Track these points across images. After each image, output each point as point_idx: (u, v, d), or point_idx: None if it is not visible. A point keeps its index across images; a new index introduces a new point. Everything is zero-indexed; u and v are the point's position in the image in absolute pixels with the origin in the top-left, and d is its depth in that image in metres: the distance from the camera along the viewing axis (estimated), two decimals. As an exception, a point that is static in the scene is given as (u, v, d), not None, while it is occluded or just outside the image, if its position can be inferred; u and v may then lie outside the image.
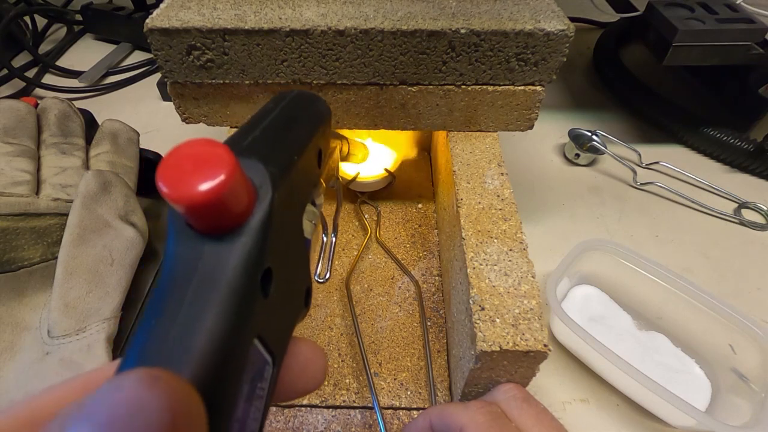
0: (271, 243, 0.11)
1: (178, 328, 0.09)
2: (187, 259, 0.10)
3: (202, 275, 0.10)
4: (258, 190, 0.11)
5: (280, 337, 0.13)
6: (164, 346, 0.09)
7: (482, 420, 0.21)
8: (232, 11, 0.28)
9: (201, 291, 0.10)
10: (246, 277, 0.10)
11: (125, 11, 0.62)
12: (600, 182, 0.45)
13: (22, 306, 0.28)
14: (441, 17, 0.28)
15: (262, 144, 0.13)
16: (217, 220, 0.10)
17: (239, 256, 0.10)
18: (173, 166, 0.10)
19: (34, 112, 0.33)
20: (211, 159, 0.10)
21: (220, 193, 0.09)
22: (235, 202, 0.10)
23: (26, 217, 0.29)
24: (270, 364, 0.12)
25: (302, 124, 0.16)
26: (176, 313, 0.10)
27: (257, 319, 0.11)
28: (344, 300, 0.35)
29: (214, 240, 0.11)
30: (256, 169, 0.12)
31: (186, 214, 0.10)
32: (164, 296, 0.10)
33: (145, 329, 0.10)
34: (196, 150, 0.10)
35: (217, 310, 0.10)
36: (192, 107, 0.32)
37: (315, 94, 0.18)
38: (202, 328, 0.09)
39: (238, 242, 0.11)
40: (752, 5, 0.45)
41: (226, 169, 0.10)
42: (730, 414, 0.27)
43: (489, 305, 0.23)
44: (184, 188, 0.09)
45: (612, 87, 0.55)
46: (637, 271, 0.32)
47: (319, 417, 0.29)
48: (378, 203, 0.42)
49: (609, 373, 0.30)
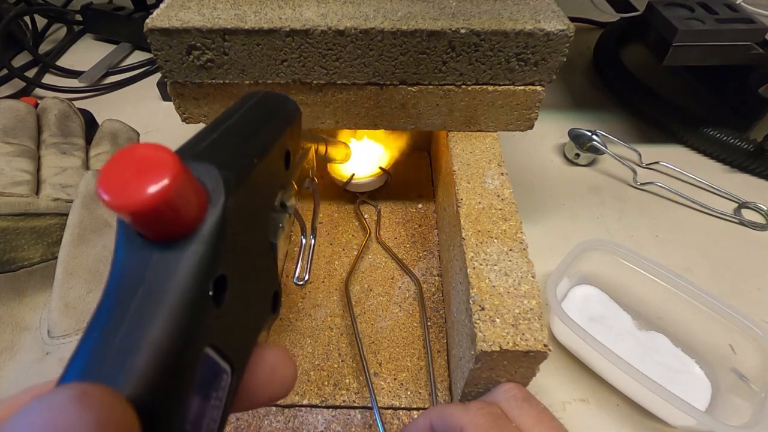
0: (225, 250, 0.11)
1: (119, 341, 0.09)
2: (133, 268, 0.10)
3: (149, 284, 0.10)
4: (210, 194, 0.11)
5: (240, 345, 0.12)
6: (104, 359, 0.09)
7: (482, 421, 0.21)
8: (232, 11, 0.28)
9: (146, 301, 0.10)
10: (195, 285, 0.10)
11: (125, 11, 0.62)
12: (600, 182, 0.45)
13: (22, 306, 0.28)
14: (441, 17, 0.28)
15: (218, 147, 0.13)
16: (164, 227, 0.10)
17: (188, 264, 0.10)
18: (115, 172, 0.09)
19: (34, 112, 0.33)
20: (155, 163, 0.09)
21: (164, 199, 0.09)
22: (183, 208, 0.10)
23: (26, 217, 0.29)
24: (227, 373, 0.12)
25: (266, 125, 0.15)
26: (119, 325, 0.09)
27: (209, 328, 0.11)
28: (344, 300, 0.35)
29: (162, 248, 0.10)
30: (209, 172, 0.11)
31: (132, 222, 0.10)
32: (108, 307, 0.10)
33: (87, 342, 0.09)
34: (140, 154, 0.09)
35: (161, 320, 0.09)
36: (192, 107, 0.32)
37: (284, 94, 0.18)
38: (145, 340, 0.09)
39: (188, 250, 0.10)
40: (752, 5, 0.45)
41: (170, 173, 0.09)
42: (730, 414, 0.27)
43: (489, 305, 0.23)
44: (126, 194, 0.09)
45: (612, 87, 0.55)
46: (637, 271, 0.32)
47: (319, 417, 0.29)
48: (378, 203, 0.42)
49: (609, 373, 0.30)
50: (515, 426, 0.21)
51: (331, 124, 0.32)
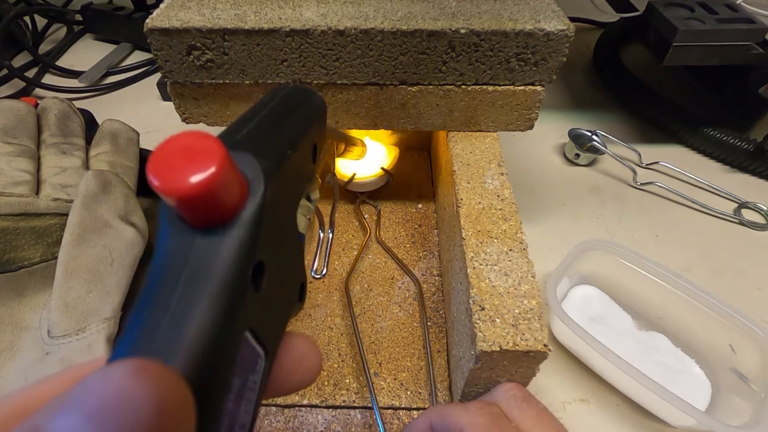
0: (263, 237, 0.11)
1: (168, 320, 0.09)
2: (178, 252, 0.10)
3: (193, 267, 0.10)
4: (250, 183, 0.11)
5: (273, 331, 0.13)
6: (154, 337, 0.09)
7: (482, 421, 0.21)
8: (232, 11, 0.28)
9: (191, 283, 0.10)
10: (237, 270, 0.10)
11: (125, 11, 0.62)
12: (600, 182, 0.45)
13: (22, 306, 0.28)
14: (441, 17, 0.28)
15: (256, 138, 0.13)
16: (208, 213, 0.10)
17: (230, 249, 0.10)
18: (164, 158, 0.10)
19: (34, 112, 0.33)
20: (202, 151, 0.10)
21: (210, 186, 0.09)
22: (226, 195, 0.10)
23: (26, 217, 0.29)
24: (262, 358, 0.12)
25: (297, 118, 0.16)
26: (167, 305, 0.10)
27: (248, 312, 0.11)
28: (344, 300, 0.35)
29: (205, 233, 0.11)
30: (249, 162, 0.12)
31: (177, 207, 0.10)
32: (155, 288, 0.10)
33: (135, 321, 0.10)
34: (187, 142, 0.10)
35: (207, 302, 0.10)
36: (192, 107, 0.32)
37: (311, 88, 0.18)
38: (193, 320, 0.09)
39: (230, 235, 0.11)
40: (752, 5, 0.45)
41: (217, 162, 0.09)
42: (730, 414, 0.27)
43: (489, 305, 0.23)
44: (175, 180, 0.09)
45: (612, 87, 0.55)
46: (637, 271, 0.32)
47: (319, 417, 0.29)
48: (378, 203, 0.42)
49: (609, 373, 0.30)
50: (515, 426, 0.21)
51: (331, 124, 0.32)
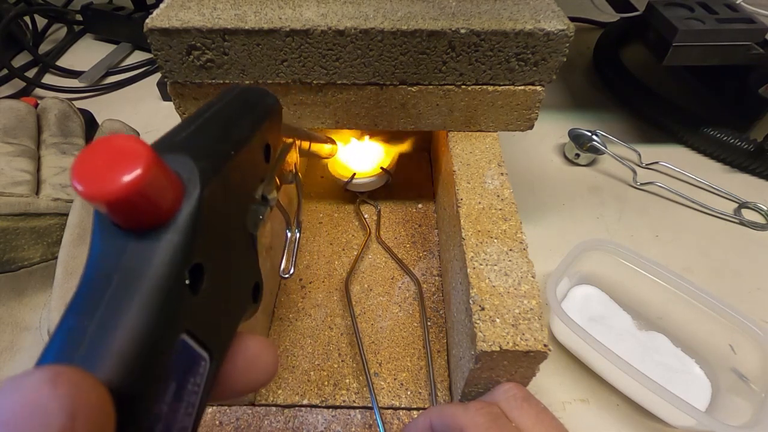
0: (201, 238, 0.11)
1: (94, 325, 0.09)
2: (109, 256, 0.10)
3: (124, 272, 0.10)
4: (186, 185, 0.11)
5: (218, 333, 0.13)
6: (79, 343, 0.09)
7: (482, 421, 0.21)
8: (232, 11, 0.28)
9: (122, 287, 0.10)
10: (170, 272, 0.10)
11: (125, 11, 0.62)
12: (600, 182, 0.45)
13: (22, 306, 0.28)
14: (441, 17, 0.28)
15: (195, 139, 0.13)
16: (139, 216, 0.10)
17: (164, 252, 0.10)
18: (88, 163, 0.09)
19: (34, 112, 0.33)
20: (127, 153, 0.09)
21: (136, 188, 0.09)
22: (157, 197, 0.10)
23: (26, 217, 0.29)
24: (206, 360, 0.12)
25: (245, 118, 0.15)
26: (94, 310, 0.10)
27: (185, 315, 0.11)
28: (344, 300, 0.35)
29: (138, 236, 0.10)
30: (185, 163, 0.11)
31: (107, 212, 0.10)
32: (84, 294, 0.10)
33: (63, 328, 0.10)
34: (112, 146, 0.10)
35: (136, 306, 0.10)
36: (192, 107, 0.32)
37: (264, 88, 0.18)
38: (120, 324, 0.09)
39: (163, 239, 0.10)
40: (752, 5, 0.45)
41: (143, 163, 0.09)
42: (730, 414, 0.27)
43: (489, 305, 0.23)
44: (100, 184, 0.09)
45: (612, 87, 0.55)
46: (637, 271, 0.32)
47: (319, 417, 0.29)
48: (378, 203, 0.42)
49: (609, 373, 0.30)
50: (515, 426, 0.21)
51: (331, 124, 0.32)
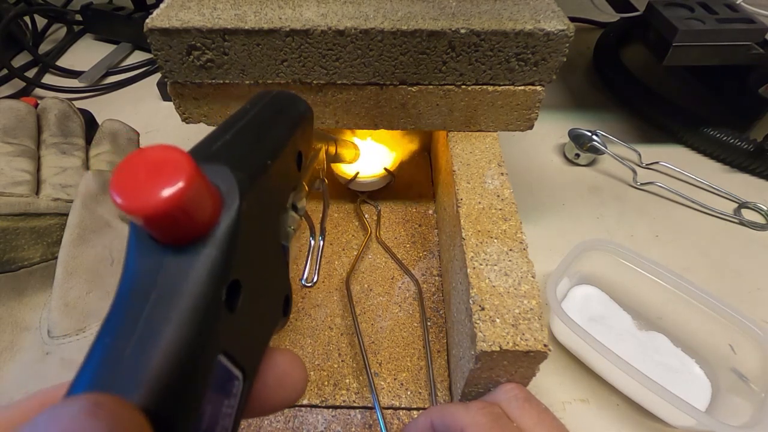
0: (239, 253, 0.11)
1: (132, 348, 0.09)
2: (146, 272, 0.10)
3: (162, 289, 0.10)
4: (224, 197, 0.11)
5: (251, 351, 0.12)
6: (117, 367, 0.09)
7: (483, 421, 0.21)
8: (232, 11, 0.28)
9: (159, 307, 0.09)
10: (209, 291, 0.10)
11: (125, 11, 0.62)
12: (600, 182, 0.45)
13: (22, 306, 0.28)
14: (441, 17, 0.28)
15: (232, 148, 0.12)
16: (178, 231, 0.10)
17: (202, 269, 0.10)
18: (128, 175, 0.09)
19: (34, 112, 0.33)
20: (169, 165, 0.09)
21: (178, 202, 0.09)
22: (197, 211, 0.10)
23: (26, 217, 0.29)
24: (239, 380, 0.11)
25: (279, 126, 0.15)
26: (131, 331, 0.09)
27: (222, 334, 0.10)
28: (344, 300, 0.35)
29: (176, 251, 0.10)
30: (223, 174, 0.11)
31: (144, 225, 0.10)
32: (120, 312, 0.10)
33: (99, 348, 0.09)
34: (153, 156, 0.09)
35: (175, 327, 0.09)
36: (192, 107, 0.32)
37: (295, 94, 0.18)
38: (159, 347, 0.09)
39: (202, 254, 0.10)
40: (752, 5, 0.45)
41: (185, 176, 0.09)
42: (730, 414, 0.27)
43: (489, 305, 0.23)
44: (140, 198, 0.09)
45: (612, 87, 0.55)
46: (637, 271, 0.32)
47: (319, 417, 0.29)
48: (378, 203, 0.42)
49: (609, 373, 0.30)
50: (516, 426, 0.21)
51: (331, 124, 0.32)
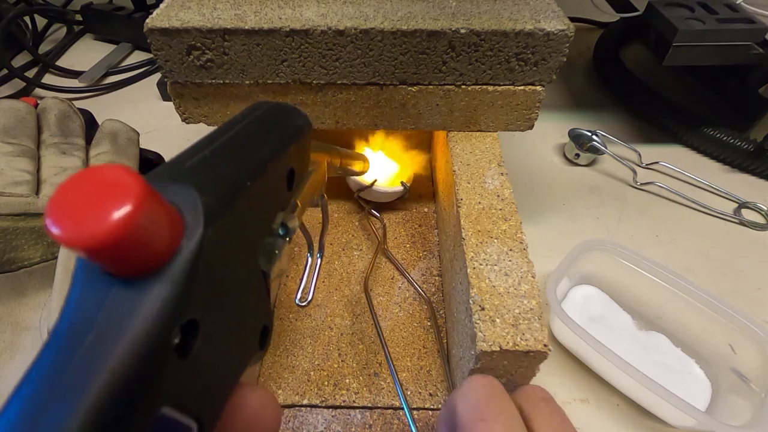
0: (199, 288, 0.09)
1: (56, 398, 0.08)
2: (86, 308, 0.09)
3: (100, 330, 0.08)
4: (187, 223, 0.10)
5: (211, 397, 0.11)
6: (35, 419, 0.08)
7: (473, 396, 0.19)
8: (232, 11, 0.28)
9: (93, 351, 0.08)
10: (154, 333, 0.09)
11: (125, 11, 0.62)
12: (600, 182, 0.45)
13: (22, 306, 0.28)
14: (441, 17, 0.28)
15: (205, 167, 0.11)
16: (127, 262, 0.09)
17: (149, 307, 0.09)
18: (66, 200, 0.08)
19: (34, 112, 0.33)
20: (114, 188, 0.08)
21: (123, 231, 0.08)
22: (150, 239, 0.08)
23: (26, 217, 0.29)
24: (193, 430, 0.10)
25: (267, 141, 0.14)
26: (58, 379, 0.08)
27: (169, 384, 0.09)
28: (344, 300, 0.35)
29: (123, 285, 0.09)
30: (189, 197, 0.10)
31: (88, 257, 0.08)
32: (50, 355, 0.09)
33: (17, 400, 0.08)
34: (96, 178, 0.08)
35: (108, 374, 0.08)
36: (192, 107, 0.32)
37: (294, 106, 0.16)
38: (83, 401, 0.08)
39: (152, 289, 0.09)
40: (752, 5, 0.45)
41: (133, 199, 0.08)
42: (730, 414, 0.27)
43: (489, 305, 0.23)
44: (79, 227, 0.08)
45: (612, 87, 0.55)
46: (637, 271, 0.32)
47: (319, 417, 0.29)
48: (382, 214, 0.40)
49: (609, 373, 0.30)
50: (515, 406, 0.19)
51: (331, 124, 0.32)
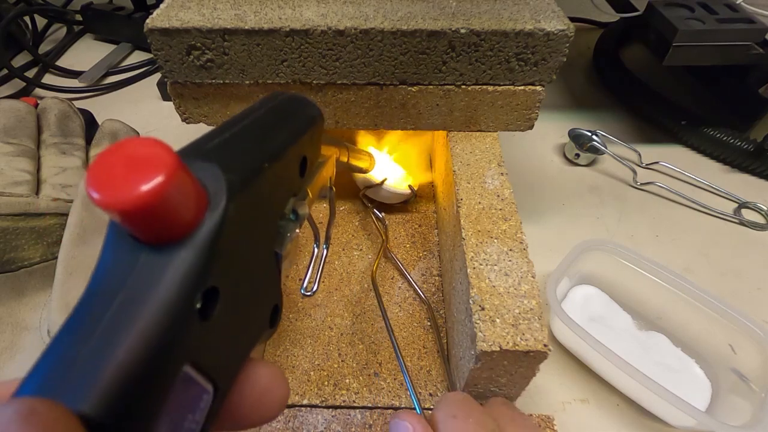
0: (220, 258, 0.10)
1: (86, 351, 0.08)
2: (117, 271, 0.09)
3: (130, 290, 0.09)
4: (211, 197, 0.10)
5: (227, 363, 0.12)
6: (67, 371, 0.08)
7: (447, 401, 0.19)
8: (232, 11, 0.28)
9: (123, 309, 0.09)
10: (180, 296, 0.09)
11: (125, 11, 0.62)
12: (600, 182, 0.45)
13: (22, 306, 0.29)
14: (441, 17, 0.28)
15: (227, 148, 0.12)
16: (156, 229, 0.09)
17: (176, 272, 0.09)
18: (105, 167, 0.09)
19: (34, 112, 0.33)
20: (149, 159, 0.09)
21: (157, 198, 0.08)
22: (178, 209, 0.09)
23: (26, 217, 0.29)
24: (209, 393, 0.11)
25: (283, 128, 0.15)
26: (90, 333, 0.09)
27: (192, 344, 0.10)
28: (344, 300, 0.35)
29: (152, 251, 0.09)
30: (212, 174, 0.10)
31: (121, 222, 0.09)
32: (83, 311, 0.09)
33: (53, 349, 0.09)
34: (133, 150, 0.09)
35: (137, 332, 0.09)
36: (192, 107, 0.32)
37: (307, 98, 0.17)
38: (114, 353, 0.08)
39: (178, 256, 0.09)
40: (752, 5, 0.45)
41: (165, 170, 0.08)
42: (730, 414, 0.27)
43: (489, 305, 0.23)
44: (116, 192, 0.08)
45: (612, 87, 0.55)
46: (637, 271, 0.32)
47: (319, 417, 0.29)
48: (384, 215, 0.40)
49: (609, 373, 0.30)
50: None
51: (331, 124, 0.32)
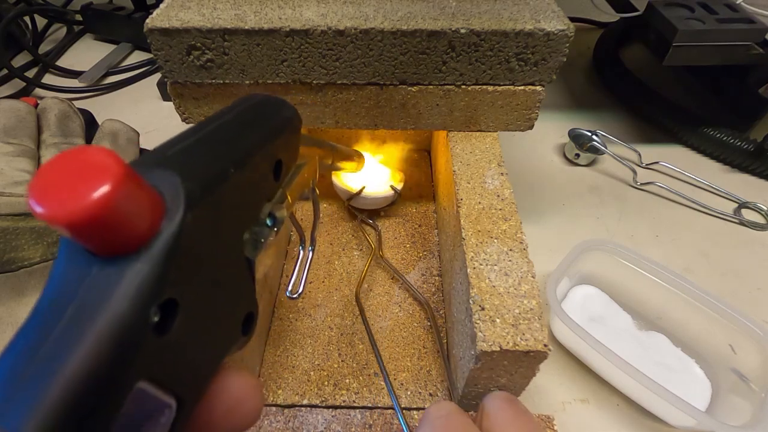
0: (180, 269, 0.10)
1: (32, 369, 0.08)
2: (68, 283, 0.09)
3: (80, 304, 0.09)
4: (168, 207, 0.10)
5: (193, 375, 0.11)
6: (12, 390, 0.08)
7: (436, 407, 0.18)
8: (232, 11, 0.28)
9: (72, 324, 0.09)
10: (132, 310, 0.09)
11: (125, 11, 0.62)
12: (600, 182, 0.45)
13: (22, 306, 0.28)
14: (441, 17, 0.28)
15: (189, 154, 0.12)
16: (107, 241, 0.09)
17: (129, 284, 0.09)
18: (48, 179, 0.08)
19: (34, 112, 0.33)
20: (94, 169, 0.08)
21: (102, 209, 0.08)
22: (129, 220, 0.09)
23: (26, 217, 0.29)
24: (172, 408, 0.10)
25: (253, 132, 0.14)
26: (37, 349, 0.08)
27: (147, 359, 0.09)
28: (344, 300, 0.35)
29: (105, 263, 0.09)
30: (170, 182, 0.10)
31: (69, 236, 0.09)
32: (32, 326, 0.09)
33: (4, 363, 0.08)
34: (77, 160, 0.08)
35: (85, 348, 0.08)
36: (192, 107, 0.32)
37: (282, 99, 0.17)
38: (61, 371, 0.08)
39: (131, 268, 0.09)
40: (752, 5, 0.45)
41: (112, 180, 0.08)
42: (730, 414, 0.27)
43: (489, 305, 0.23)
44: (60, 204, 0.08)
45: (612, 87, 0.55)
46: (637, 271, 0.32)
47: (319, 417, 0.29)
48: (377, 220, 0.40)
49: (609, 373, 0.30)
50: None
51: (331, 124, 0.33)
